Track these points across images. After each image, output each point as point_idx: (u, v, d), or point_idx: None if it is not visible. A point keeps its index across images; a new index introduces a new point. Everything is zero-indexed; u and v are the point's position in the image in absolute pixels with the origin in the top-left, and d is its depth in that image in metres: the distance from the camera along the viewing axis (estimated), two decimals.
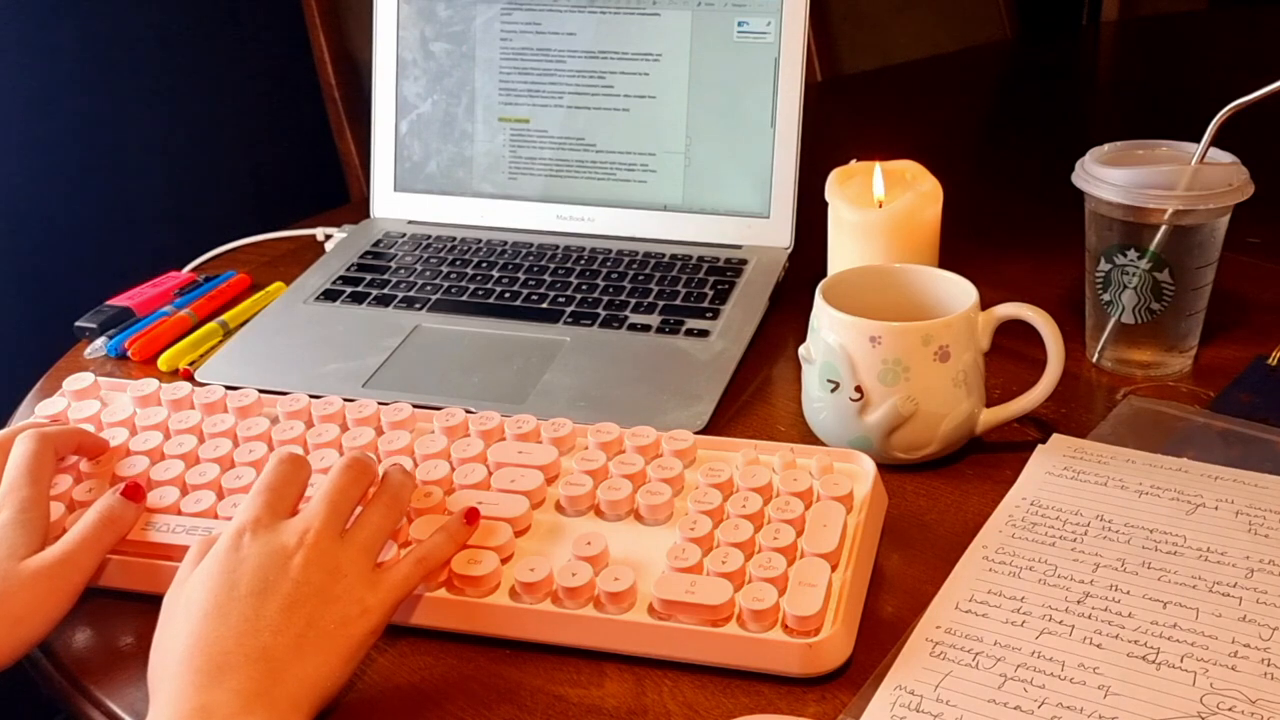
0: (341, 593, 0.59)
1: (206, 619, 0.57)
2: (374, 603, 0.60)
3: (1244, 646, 0.60)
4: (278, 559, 0.59)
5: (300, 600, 0.58)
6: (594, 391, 0.84)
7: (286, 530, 0.61)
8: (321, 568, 0.59)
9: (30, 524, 0.64)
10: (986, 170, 1.33)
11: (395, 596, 0.61)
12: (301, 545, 0.60)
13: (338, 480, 0.64)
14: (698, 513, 0.67)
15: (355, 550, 0.61)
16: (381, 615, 0.60)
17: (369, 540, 0.62)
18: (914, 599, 0.65)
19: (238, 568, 0.58)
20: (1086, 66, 1.86)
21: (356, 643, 0.59)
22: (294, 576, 0.58)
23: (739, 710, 0.59)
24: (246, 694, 0.54)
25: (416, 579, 0.63)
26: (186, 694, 0.54)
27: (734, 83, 1.01)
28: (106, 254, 1.49)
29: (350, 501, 0.64)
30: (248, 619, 0.57)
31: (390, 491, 0.65)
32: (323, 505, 0.62)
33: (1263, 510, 0.70)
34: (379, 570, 0.62)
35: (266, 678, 0.55)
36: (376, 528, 0.63)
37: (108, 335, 0.94)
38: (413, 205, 1.09)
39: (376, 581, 0.61)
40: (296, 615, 0.57)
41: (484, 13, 1.06)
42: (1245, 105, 0.79)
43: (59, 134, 1.47)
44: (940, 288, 0.78)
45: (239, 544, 0.60)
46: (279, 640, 0.56)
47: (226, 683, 0.54)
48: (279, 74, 1.68)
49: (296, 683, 0.56)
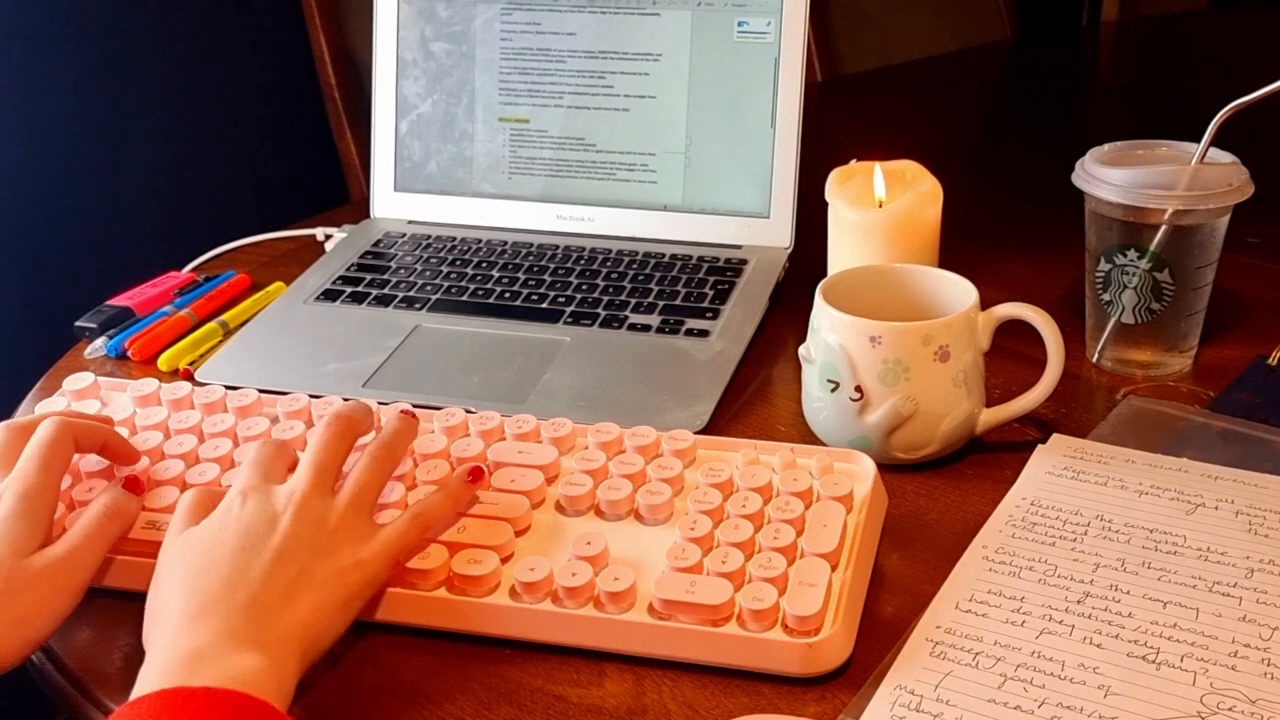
0: (332, 547, 0.60)
1: (200, 572, 0.58)
2: (367, 555, 0.61)
3: (1244, 646, 0.60)
4: (267, 518, 0.60)
5: (289, 553, 0.59)
6: (594, 391, 0.84)
7: (276, 493, 0.62)
8: (310, 522, 0.60)
9: (33, 515, 0.63)
10: (986, 170, 1.33)
11: (391, 550, 0.62)
12: (289, 504, 0.61)
13: (321, 439, 0.65)
14: (698, 513, 0.67)
15: (344, 505, 0.62)
16: (376, 568, 0.61)
17: (359, 494, 0.63)
18: (914, 599, 0.65)
19: (228, 528, 0.60)
20: (1086, 66, 1.86)
21: (352, 591, 0.60)
22: (283, 531, 0.60)
23: (739, 710, 0.59)
24: (238, 635, 0.55)
25: (412, 534, 0.63)
26: (177, 641, 0.54)
27: (734, 83, 1.01)
28: (106, 254, 1.49)
29: (337, 457, 0.64)
30: (239, 570, 0.57)
31: (382, 442, 0.66)
32: (307, 467, 0.63)
33: (1263, 510, 0.70)
34: (373, 525, 0.63)
35: (256, 622, 0.56)
36: (365, 482, 0.64)
37: (108, 335, 0.94)
38: (413, 205, 1.09)
39: (370, 535, 0.62)
40: (286, 567, 0.58)
41: (484, 13, 1.06)
42: (1245, 105, 0.79)
43: (59, 134, 1.47)
44: (940, 288, 0.78)
45: (229, 509, 0.61)
46: (269, 589, 0.57)
47: (217, 626, 0.55)
48: (279, 74, 1.68)
49: (287, 625, 0.57)
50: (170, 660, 0.54)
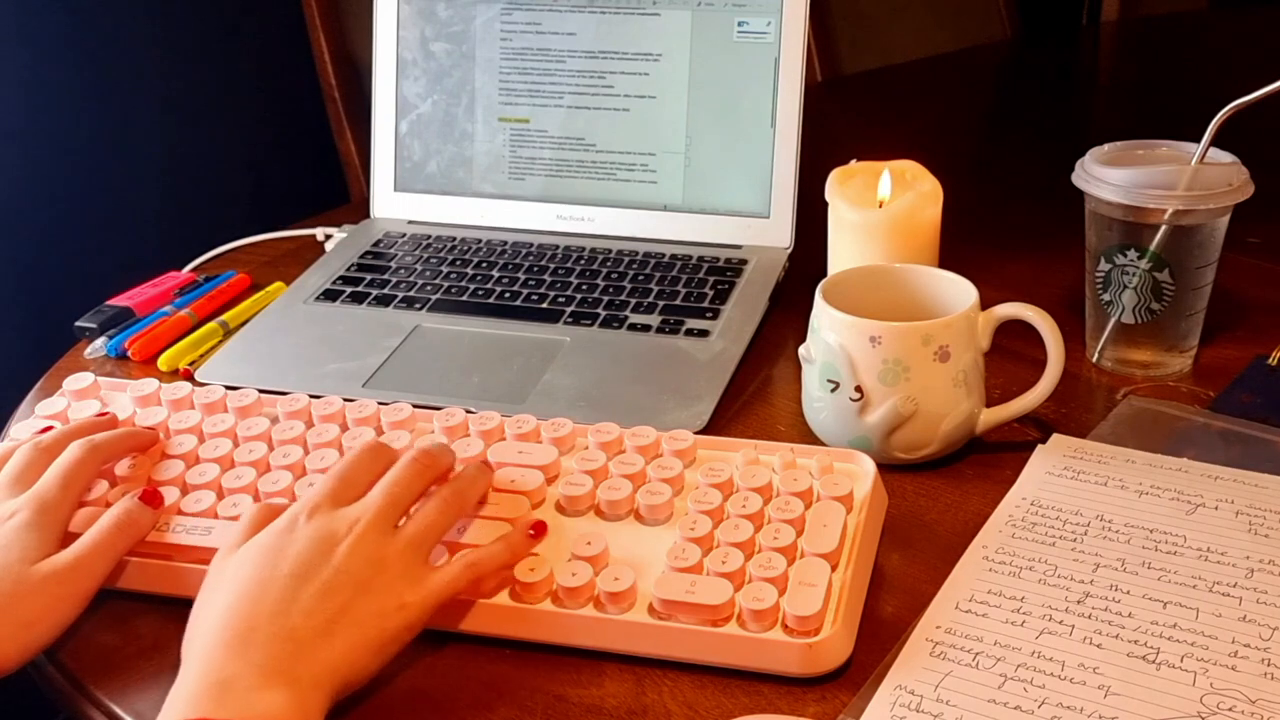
0: (381, 586, 0.59)
1: (244, 595, 0.57)
2: (413, 600, 0.60)
3: (1244, 646, 0.60)
4: (325, 545, 0.59)
5: (337, 588, 0.58)
6: (594, 391, 0.84)
7: (340, 517, 0.61)
8: (364, 558, 0.59)
9: (46, 527, 0.64)
10: (986, 170, 1.33)
11: (437, 597, 0.61)
12: (350, 534, 0.60)
13: (400, 473, 0.64)
14: (698, 513, 0.67)
15: (403, 544, 0.61)
16: (419, 613, 0.60)
17: (419, 536, 0.62)
18: (914, 599, 0.65)
19: (286, 548, 0.59)
20: (1086, 66, 1.86)
21: (389, 636, 0.59)
22: (336, 564, 0.59)
23: (739, 710, 0.59)
24: (268, 670, 0.54)
25: (463, 583, 0.62)
26: (210, 667, 0.54)
27: (734, 83, 1.01)
28: (106, 254, 1.49)
29: (410, 494, 0.64)
30: (283, 599, 0.57)
31: (455, 488, 0.65)
32: (379, 496, 0.62)
33: (1263, 510, 0.70)
34: (426, 568, 0.62)
35: (290, 656, 0.55)
36: (430, 524, 0.63)
37: (108, 335, 0.94)
38: (413, 205, 1.09)
39: (420, 579, 0.61)
40: (330, 601, 0.58)
41: (484, 13, 1.06)
42: (1245, 105, 0.79)
43: (59, 134, 1.47)
44: (940, 288, 0.78)
45: (294, 525, 0.60)
46: (308, 622, 0.57)
47: (250, 656, 0.55)
48: (279, 74, 1.68)
49: (320, 664, 0.56)
50: (200, 686, 0.54)
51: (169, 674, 0.61)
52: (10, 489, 0.67)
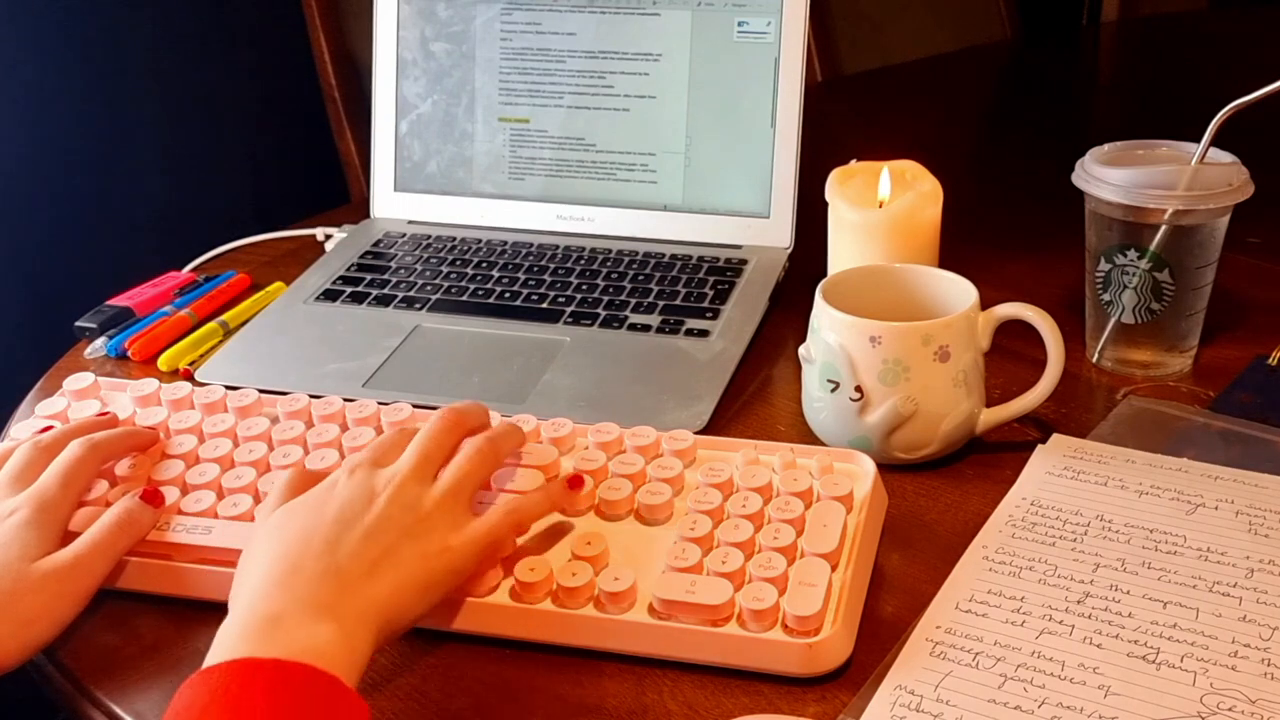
0: (423, 530, 0.60)
1: (292, 539, 0.58)
2: (456, 543, 0.61)
3: (1244, 646, 0.60)
4: (366, 496, 0.61)
5: (379, 531, 0.59)
6: (594, 391, 0.84)
7: (379, 474, 0.63)
8: (404, 505, 0.61)
9: (46, 525, 0.64)
10: (986, 170, 1.33)
11: (480, 543, 0.62)
12: (388, 486, 0.62)
13: (432, 428, 0.66)
14: (698, 513, 0.67)
15: (441, 493, 0.62)
16: (464, 557, 0.61)
17: (457, 484, 0.63)
18: (914, 599, 0.65)
19: (329, 501, 0.61)
20: (1086, 66, 1.86)
21: (435, 578, 0.60)
22: (377, 511, 0.60)
23: (739, 710, 0.59)
24: (315, 604, 0.55)
25: (505, 529, 0.63)
26: (257, 604, 0.55)
27: (734, 83, 1.01)
28: (106, 254, 1.49)
29: (442, 449, 0.65)
30: (328, 542, 0.58)
31: (489, 437, 0.67)
32: (412, 452, 0.64)
33: (1263, 510, 0.70)
34: (467, 515, 0.63)
35: (335, 591, 0.56)
36: (466, 474, 0.64)
37: (108, 335, 0.94)
38: (413, 205, 1.09)
39: (462, 525, 0.62)
40: (374, 543, 0.59)
41: (484, 13, 1.06)
42: (1245, 105, 0.79)
43: (59, 134, 1.47)
44: (940, 288, 0.78)
45: (334, 483, 0.62)
46: (354, 563, 0.58)
47: (296, 591, 0.56)
48: (279, 74, 1.68)
49: (365, 600, 0.57)
50: (248, 622, 0.54)
51: (169, 674, 0.61)
52: (10, 487, 0.67)
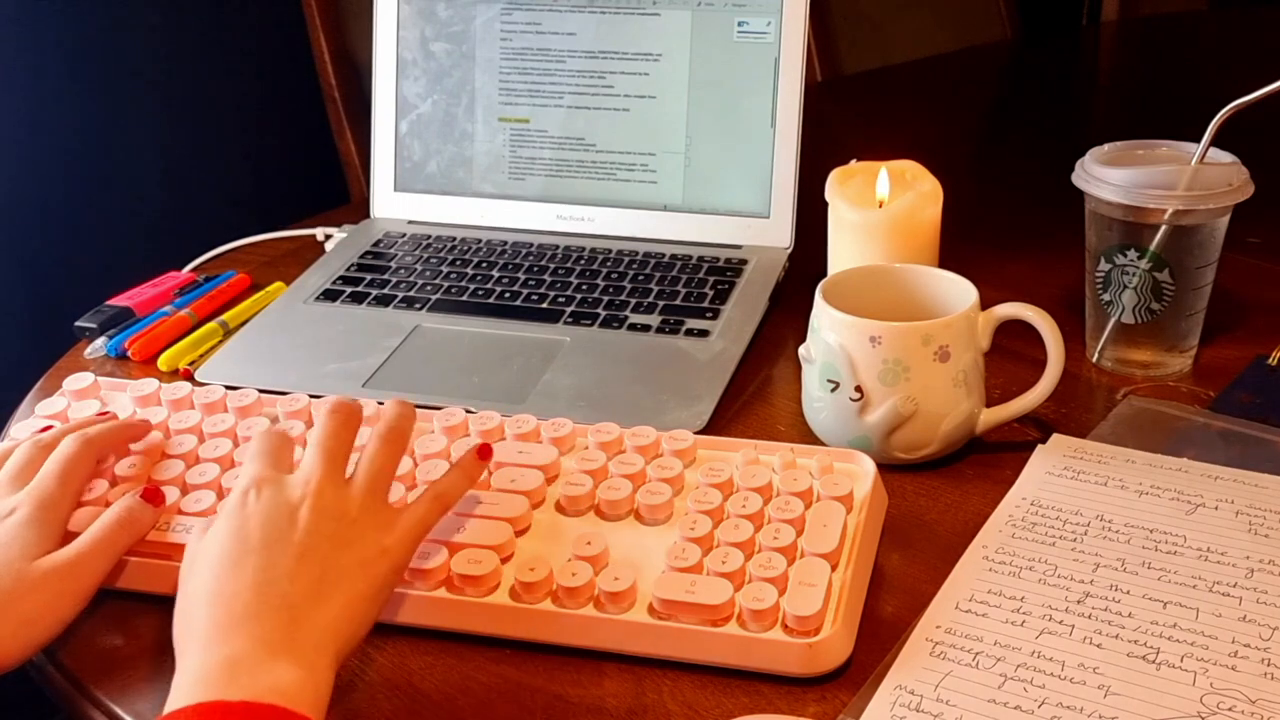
0: (355, 536, 0.59)
1: (223, 574, 0.56)
2: (392, 543, 0.60)
3: (1244, 646, 0.60)
4: (285, 511, 0.59)
5: (312, 547, 0.58)
6: (594, 391, 0.84)
7: (289, 484, 0.61)
8: (329, 515, 0.59)
9: (46, 523, 0.64)
10: (986, 170, 1.33)
11: (414, 535, 0.61)
12: (306, 495, 0.60)
13: (327, 427, 0.64)
14: (698, 512, 0.67)
15: (361, 493, 0.61)
16: (402, 554, 0.60)
17: (373, 480, 0.62)
18: (914, 599, 0.65)
19: (246, 523, 0.58)
20: (1086, 66, 1.86)
21: (380, 583, 0.59)
22: (303, 526, 0.58)
23: (739, 710, 0.59)
24: (271, 642, 0.54)
25: (434, 516, 0.63)
26: (211, 647, 0.54)
27: (734, 83, 1.01)
28: (106, 254, 1.49)
29: (344, 445, 0.63)
30: (263, 569, 0.56)
31: (389, 425, 0.65)
32: (318, 453, 0.62)
33: (1263, 510, 0.70)
34: (392, 510, 0.62)
35: (289, 625, 0.55)
36: (379, 466, 0.63)
37: (108, 335, 0.94)
38: (413, 205, 1.09)
39: (391, 522, 0.61)
40: (311, 562, 0.57)
41: (484, 13, 1.06)
42: (1245, 105, 0.79)
43: (59, 134, 1.47)
44: (940, 288, 0.78)
45: (245, 502, 0.59)
46: (296, 587, 0.56)
47: (250, 632, 0.54)
48: (279, 74, 1.68)
49: (319, 629, 0.56)
50: (206, 668, 0.53)
51: (169, 674, 0.61)
52: (9, 486, 0.67)
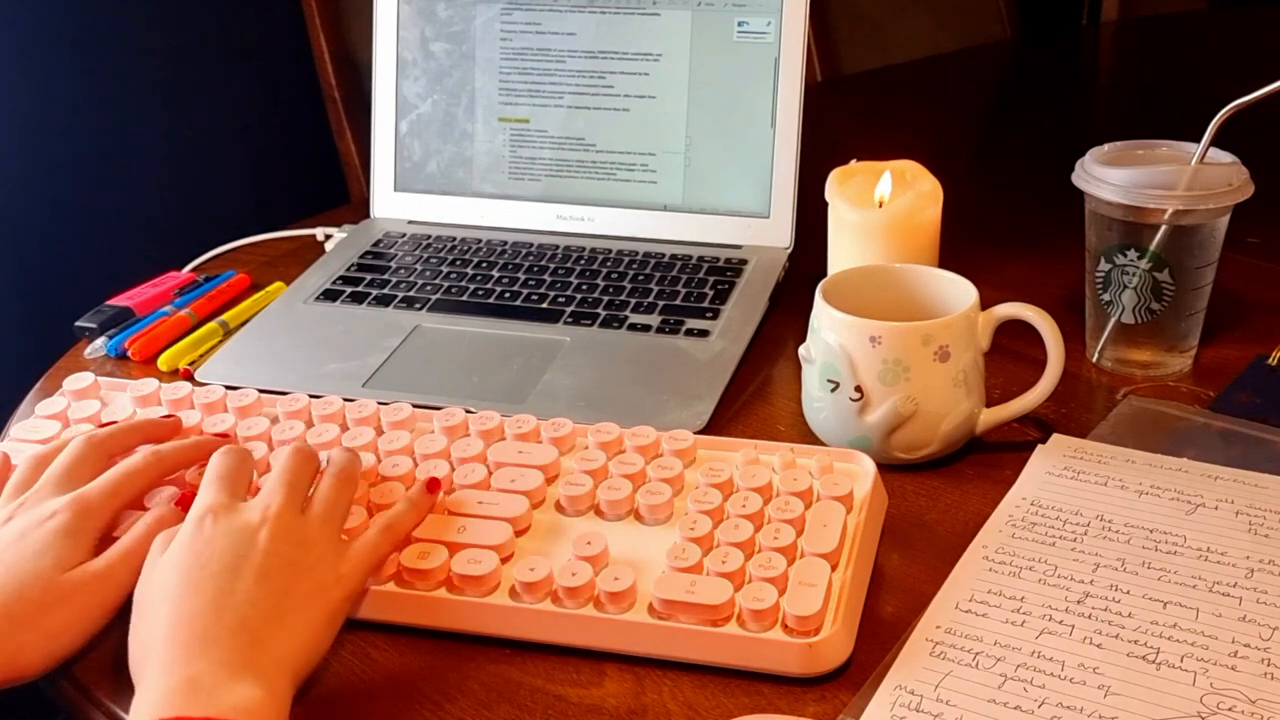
0: (313, 562, 0.60)
1: (182, 598, 0.57)
2: (347, 570, 0.61)
3: (1244, 646, 0.60)
4: (244, 535, 0.60)
5: (272, 571, 0.58)
6: (594, 391, 0.84)
7: (248, 509, 0.61)
8: (288, 540, 0.60)
9: (83, 533, 0.63)
10: (986, 170, 1.33)
11: (367, 564, 0.63)
12: (265, 520, 0.61)
13: (288, 463, 0.65)
14: (698, 512, 0.67)
15: (319, 522, 0.63)
16: (355, 582, 0.62)
17: (329, 512, 0.64)
18: (914, 599, 0.65)
19: (205, 548, 0.59)
20: (1086, 66, 1.86)
21: (334, 608, 0.60)
22: (263, 549, 0.59)
23: (739, 710, 0.59)
24: (232, 664, 0.54)
25: (386, 547, 0.64)
26: (172, 668, 0.54)
27: (734, 83, 1.01)
28: (106, 254, 1.49)
29: (304, 480, 0.65)
30: (223, 592, 0.57)
31: (341, 466, 0.67)
32: (279, 483, 0.63)
33: (1263, 510, 0.70)
34: (344, 542, 0.63)
35: (250, 647, 0.55)
36: (334, 499, 0.65)
37: (108, 335, 0.94)
38: (413, 205, 1.09)
39: (344, 551, 0.62)
40: (270, 586, 0.58)
41: (484, 13, 1.06)
42: (1245, 105, 0.79)
43: (59, 134, 1.47)
44: (940, 288, 0.78)
45: (202, 528, 0.60)
46: (256, 611, 0.57)
47: (211, 654, 0.54)
48: (279, 74, 1.68)
49: (280, 650, 0.56)
50: (167, 689, 0.53)
51: None
52: (56, 486, 0.65)
